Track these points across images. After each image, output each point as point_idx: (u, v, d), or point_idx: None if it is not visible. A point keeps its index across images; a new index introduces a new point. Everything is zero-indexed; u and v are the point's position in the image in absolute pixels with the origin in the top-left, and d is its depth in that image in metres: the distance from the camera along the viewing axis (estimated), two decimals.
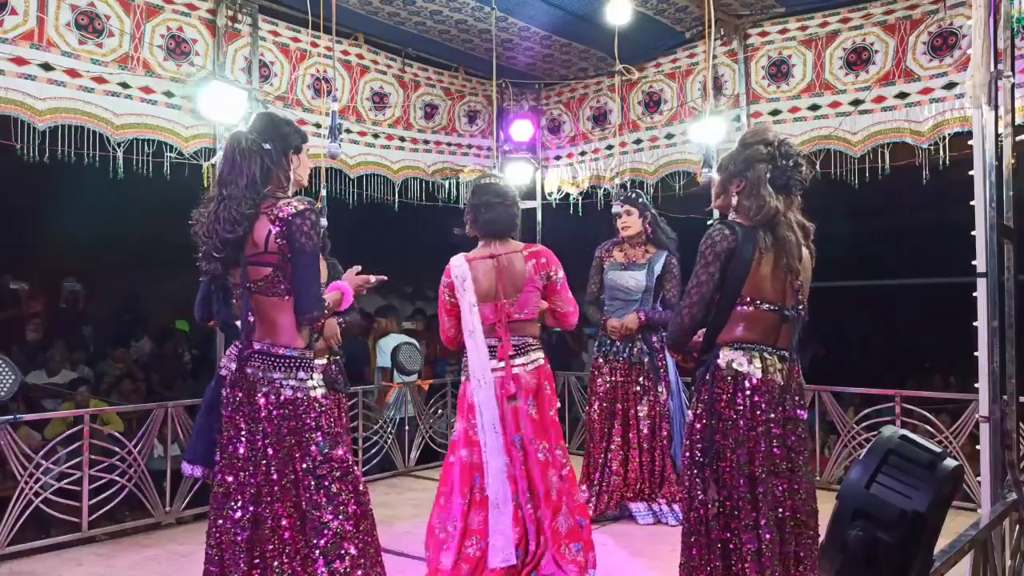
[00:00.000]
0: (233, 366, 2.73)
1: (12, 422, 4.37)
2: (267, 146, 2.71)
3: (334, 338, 4.49)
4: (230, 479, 2.67)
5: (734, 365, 2.60)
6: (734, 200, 2.72)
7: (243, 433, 2.67)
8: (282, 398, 2.65)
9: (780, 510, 2.57)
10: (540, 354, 3.62)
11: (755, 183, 2.65)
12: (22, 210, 8.23)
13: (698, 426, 2.64)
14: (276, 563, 2.61)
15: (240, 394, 2.68)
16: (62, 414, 5.64)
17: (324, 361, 4.36)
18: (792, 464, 2.62)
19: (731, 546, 2.56)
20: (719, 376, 2.61)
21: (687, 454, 2.68)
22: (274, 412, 2.64)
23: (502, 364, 3.51)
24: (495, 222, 3.57)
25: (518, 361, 3.54)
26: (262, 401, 2.65)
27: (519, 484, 3.50)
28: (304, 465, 2.63)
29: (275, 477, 2.62)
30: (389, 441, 6.21)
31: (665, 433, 4.82)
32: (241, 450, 2.66)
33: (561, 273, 3.60)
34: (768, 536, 2.52)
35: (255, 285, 2.67)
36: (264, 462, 2.63)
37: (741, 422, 2.56)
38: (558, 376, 7.30)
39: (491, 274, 3.54)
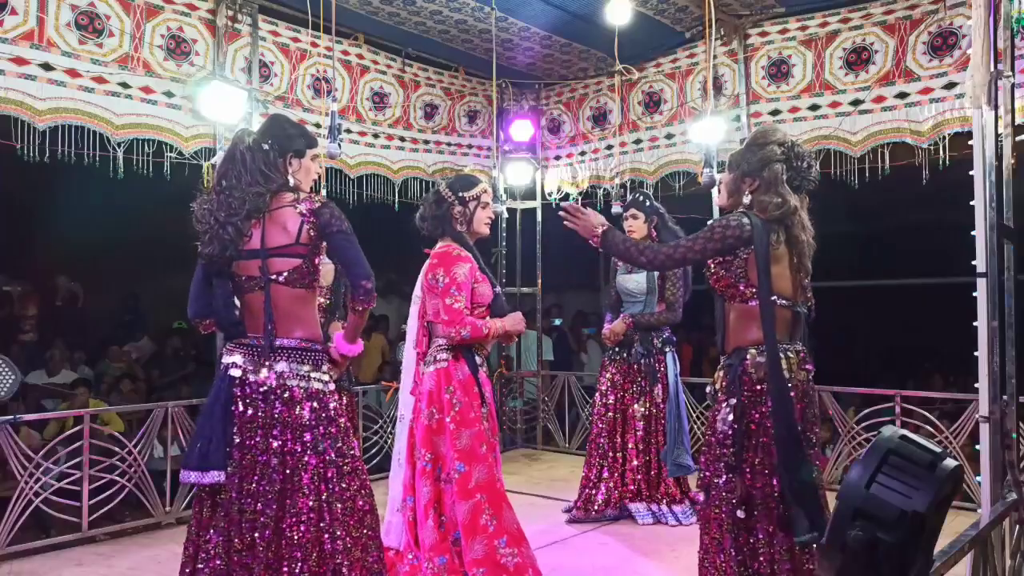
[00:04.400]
0: (240, 360, 2.69)
1: (12, 422, 4.37)
2: (265, 146, 2.72)
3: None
4: (253, 480, 2.62)
5: (764, 370, 2.61)
6: (747, 199, 2.74)
7: (269, 431, 2.64)
8: (310, 391, 2.68)
9: None
10: (446, 355, 3.41)
11: (771, 182, 2.68)
12: (22, 210, 8.23)
13: (729, 431, 2.63)
14: (298, 557, 2.57)
15: (260, 391, 2.66)
16: (63, 414, 5.64)
17: None
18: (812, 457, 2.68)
19: (751, 546, 2.58)
20: (748, 381, 2.63)
21: (717, 463, 2.65)
22: (305, 404, 2.65)
23: (421, 365, 3.55)
24: (416, 222, 3.61)
25: (427, 362, 3.48)
26: (295, 394, 2.65)
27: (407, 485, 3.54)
28: (327, 457, 2.65)
29: (306, 469, 2.62)
30: (389, 441, 6.21)
31: (661, 435, 4.82)
32: (267, 448, 2.63)
33: (446, 279, 3.34)
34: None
35: (280, 277, 2.66)
36: (294, 456, 2.63)
37: (771, 425, 2.58)
38: (558, 376, 7.33)
39: (423, 272, 3.57)
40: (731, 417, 2.63)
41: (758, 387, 2.61)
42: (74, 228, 7.94)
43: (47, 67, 4.45)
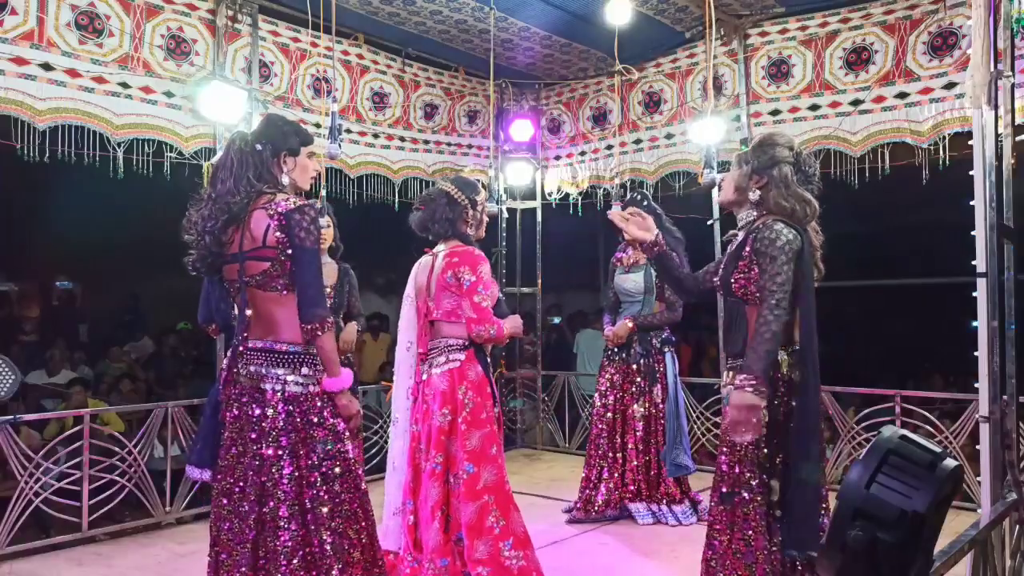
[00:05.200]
0: (227, 361, 2.72)
1: (12, 422, 4.37)
2: (258, 147, 2.71)
3: (348, 344, 4.52)
4: (231, 480, 2.65)
5: (795, 374, 2.62)
6: (754, 195, 2.74)
7: (247, 432, 2.65)
8: (287, 394, 2.64)
9: None
10: (460, 355, 3.41)
11: (782, 182, 2.70)
12: (22, 210, 8.23)
13: (763, 430, 2.61)
14: (281, 562, 2.58)
15: (243, 393, 2.67)
16: (63, 414, 5.63)
17: None
18: None
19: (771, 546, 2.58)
20: (780, 382, 2.63)
21: (749, 463, 2.64)
22: (280, 408, 2.63)
23: (423, 365, 3.53)
24: (415, 224, 3.60)
25: (433, 363, 3.46)
26: (269, 397, 2.63)
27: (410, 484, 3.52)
28: (310, 461, 2.62)
29: (281, 474, 2.60)
30: (389, 441, 6.20)
31: (661, 435, 4.82)
32: (245, 450, 2.64)
33: (472, 277, 3.35)
34: None
35: (253, 280, 2.66)
36: (268, 460, 2.62)
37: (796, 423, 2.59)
38: (558, 376, 7.33)
39: (424, 271, 3.56)
40: (766, 417, 2.62)
41: (783, 387, 2.62)
42: (74, 228, 7.95)
43: (47, 67, 4.45)
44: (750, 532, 2.61)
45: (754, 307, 2.71)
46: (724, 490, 2.69)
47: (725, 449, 2.72)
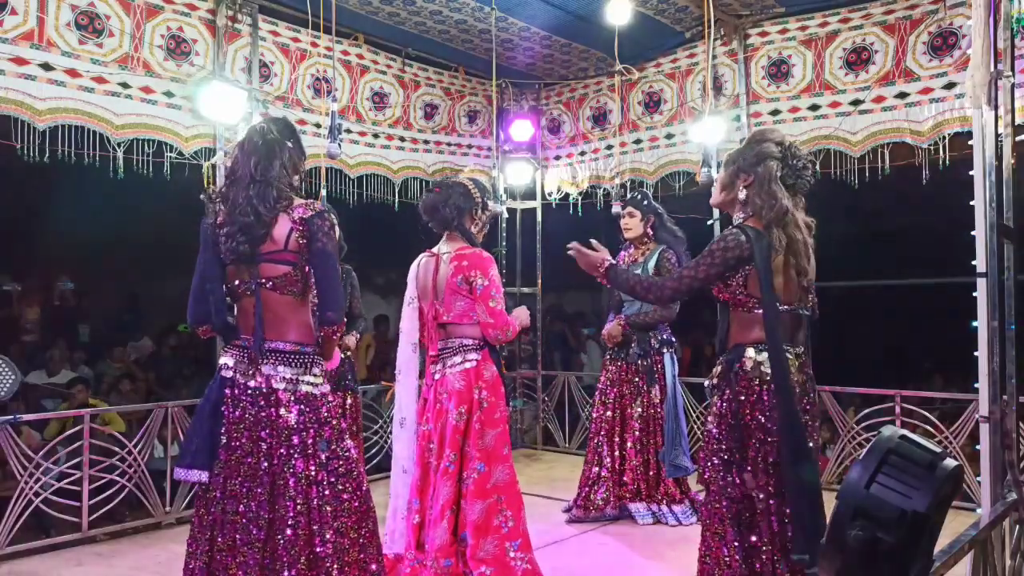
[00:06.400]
0: (232, 362, 2.71)
1: (12, 422, 4.37)
2: (289, 143, 2.74)
3: (347, 346, 4.56)
4: (236, 481, 2.63)
5: (762, 368, 2.60)
6: (741, 195, 2.72)
7: (257, 431, 2.64)
8: (299, 394, 2.65)
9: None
10: (476, 355, 3.43)
11: (765, 179, 2.65)
12: (22, 210, 8.23)
13: (724, 426, 2.63)
14: (286, 561, 2.58)
15: (251, 393, 2.66)
16: (63, 414, 5.63)
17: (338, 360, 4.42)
18: None
19: (754, 545, 2.57)
20: (744, 377, 2.62)
21: (713, 458, 2.65)
22: (292, 407, 2.64)
23: (434, 366, 3.52)
24: (424, 204, 3.58)
25: (447, 363, 3.46)
26: (281, 396, 2.64)
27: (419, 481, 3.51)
28: (318, 460, 2.64)
29: (293, 472, 2.61)
30: (389, 441, 6.20)
31: (660, 435, 4.82)
32: (254, 449, 2.63)
33: (485, 281, 3.38)
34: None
35: (270, 282, 2.66)
36: (281, 459, 2.62)
37: (768, 423, 2.57)
38: (558, 376, 7.33)
39: (427, 272, 3.55)
40: (727, 413, 2.63)
41: (756, 384, 2.60)
42: (74, 228, 7.94)
43: (47, 67, 4.45)
44: (719, 526, 2.62)
45: (735, 309, 2.70)
46: (705, 487, 2.72)
47: (703, 445, 2.76)
